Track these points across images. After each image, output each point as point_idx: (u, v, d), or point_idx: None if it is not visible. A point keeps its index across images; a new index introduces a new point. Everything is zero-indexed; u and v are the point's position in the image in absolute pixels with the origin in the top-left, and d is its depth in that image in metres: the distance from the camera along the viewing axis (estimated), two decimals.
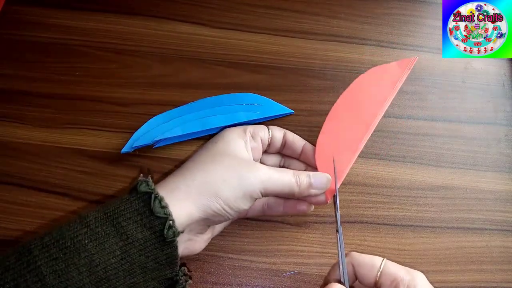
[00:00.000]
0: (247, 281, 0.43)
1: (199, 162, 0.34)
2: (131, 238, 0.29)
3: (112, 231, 0.29)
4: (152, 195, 0.30)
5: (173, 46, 0.54)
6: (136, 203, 0.30)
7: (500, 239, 0.46)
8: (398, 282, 0.29)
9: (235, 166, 0.34)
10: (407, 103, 0.52)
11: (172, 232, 0.29)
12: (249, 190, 0.33)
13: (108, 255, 0.28)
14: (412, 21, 0.58)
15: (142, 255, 0.29)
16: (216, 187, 0.32)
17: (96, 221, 0.29)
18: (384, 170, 0.48)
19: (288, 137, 0.41)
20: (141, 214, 0.30)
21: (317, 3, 0.58)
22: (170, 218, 0.30)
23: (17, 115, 0.49)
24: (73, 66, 0.52)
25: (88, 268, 0.28)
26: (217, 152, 0.35)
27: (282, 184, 0.35)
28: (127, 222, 0.29)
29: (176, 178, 0.33)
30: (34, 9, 0.55)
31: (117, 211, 0.30)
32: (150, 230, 0.29)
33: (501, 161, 0.50)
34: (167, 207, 0.30)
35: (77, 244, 0.28)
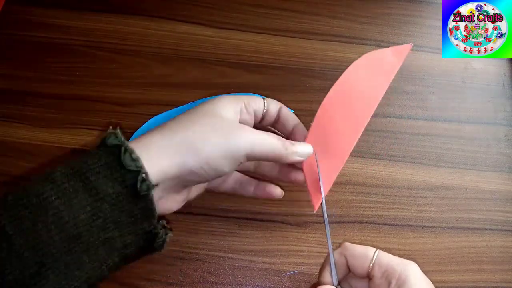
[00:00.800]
0: (247, 281, 0.43)
1: (181, 121, 0.32)
2: (101, 193, 0.27)
3: (80, 186, 0.27)
4: (122, 147, 0.28)
5: (173, 46, 0.54)
6: (105, 156, 0.28)
7: (500, 239, 0.46)
8: (390, 273, 0.29)
9: (221, 126, 0.32)
10: (407, 103, 0.52)
11: (146, 186, 0.28)
12: (233, 151, 0.31)
13: (78, 211, 0.26)
14: (412, 21, 0.58)
15: (115, 210, 0.27)
16: (196, 144, 0.30)
17: (62, 177, 0.27)
18: (384, 170, 0.48)
19: (282, 111, 0.38)
20: (111, 168, 0.27)
21: (317, 3, 0.58)
22: (143, 171, 0.28)
23: (17, 115, 0.49)
24: (73, 66, 0.52)
25: (57, 225, 0.26)
26: (203, 112, 0.33)
27: (270, 147, 0.33)
28: (96, 176, 0.27)
29: (153, 134, 0.31)
30: (34, 9, 0.55)
31: (84, 166, 0.27)
32: (122, 184, 0.27)
33: (501, 161, 0.50)
34: (138, 160, 0.28)
35: (43, 201, 0.26)
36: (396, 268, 0.29)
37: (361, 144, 0.49)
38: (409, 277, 0.28)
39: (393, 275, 0.29)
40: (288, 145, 0.34)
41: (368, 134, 0.50)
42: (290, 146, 0.34)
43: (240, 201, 0.46)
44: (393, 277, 0.29)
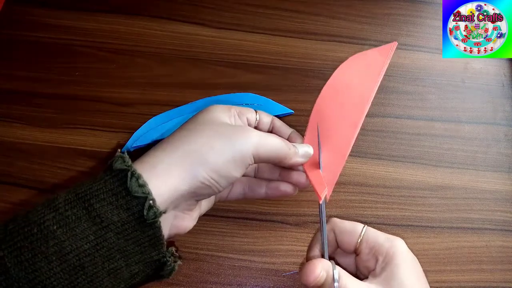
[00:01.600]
0: (246, 281, 0.43)
1: (181, 133, 0.31)
2: (106, 221, 0.26)
3: (84, 214, 0.26)
4: (128, 172, 0.27)
5: (173, 46, 0.54)
6: (111, 182, 0.27)
7: (500, 239, 0.46)
8: (377, 249, 0.29)
9: (224, 131, 0.30)
10: (407, 103, 0.52)
11: (153, 213, 0.26)
12: (240, 155, 0.30)
13: (81, 240, 0.25)
14: (412, 21, 0.58)
15: (121, 238, 0.26)
16: (203, 155, 0.29)
17: (65, 204, 0.26)
18: (384, 170, 0.48)
19: (275, 123, 0.37)
20: (116, 194, 0.26)
21: (317, 3, 0.58)
22: (150, 197, 0.26)
23: (17, 115, 0.49)
24: (73, 66, 0.52)
25: (59, 256, 0.25)
26: (201, 121, 0.31)
27: (274, 147, 0.32)
28: (100, 203, 0.26)
29: (157, 151, 0.30)
30: (34, 9, 0.55)
31: (89, 192, 0.27)
32: (128, 212, 0.26)
33: (501, 161, 0.50)
34: (145, 185, 0.27)
35: (44, 231, 0.25)
36: (384, 244, 0.29)
37: (361, 144, 0.49)
38: (395, 254, 0.29)
39: (380, 251, 0.29)
40: (291, 146, 0.34)
41: (368, 134, 0.50)
42: (293, 146, 0.34)
43: (240, 201, 0.46)
44: (380, 254, 0.29)
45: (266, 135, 0.32)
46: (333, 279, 0.27)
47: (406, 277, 0.28)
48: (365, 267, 0.31)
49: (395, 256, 0.29)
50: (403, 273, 0.28)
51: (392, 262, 0.28)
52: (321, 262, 0.28)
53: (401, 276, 0.28)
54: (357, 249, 0.31)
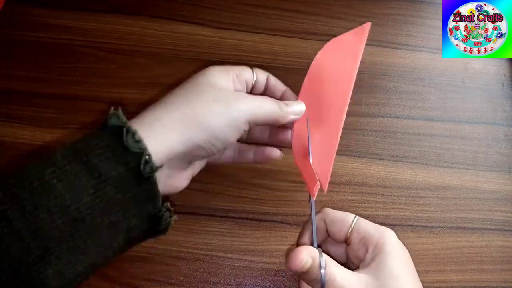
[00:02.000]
0: (246, 281, 0.43)
1: (180, 94, 0.32)
2: (104, 175, 0.26)
3: (83, 168, 0.26)
4: (123, 128, 0.27)
5: (173, 46, 0.54)
6: (107, 138, 0.27)
7: (500, 239, 0.46)
8: (367, 239, 0.30)
9: (221, 95, 0.31)
10: (407, 103, 0.52)
11: (150, 168, 0.27)
12: (237, 119, 0.31)
13: (80, 194, 0.26)
14: (412, 21, 0.58)
15: (119, 192, 0.27)
16: (201, 117, 0.30)
17: (63, 159, 0.26)
18: (383, 170, 0.48)
19: (270, 81, 0.38)
20: (113, 149, 0.27)
21: (317, 3, 0.58)
22: (146, 152, 0.27)
23: (17, 115, 0.49)
24: (73, 66, 0.52)
25: (60, 209, 0.25)
26: (198, 84, 0.32)
27: (268, 110, 0.33)
28: (98, 158, 0.26)
29: (155, 110, 0.30)
30: (34, 9, 0.55)
31: (86, 147, 0.27)
32: (125, 167, 0.27)
33: (501, 161, 0.50)
34: (141, 141, 0.27)
35: (44, 184, 0.25)
36: (374, 235, 0.30)
37: (361, 144, 0.49)
38: (385, 244, 0.29)
39: (370, 241, 0.30)
40: (283, 106, 0.35)
41: (368, 134, 0.50)
42: (285, 106, 0.35)
43: (240, 201, 0.46)
44: (371, 244, 0.29)
45: (260, 101, 0.33)
46: (320, 266, 0.28)
47: (396, 266, 0.28)
48: (356, 256, 0.31)
49: (385, 246, 0.29)
50: (392, 263, 0.28)
51: (382, 252, 0.29)
52: (307, 249, 0.29)
53: (390, 266, 0.28)
54: (347, 238, 0.31)
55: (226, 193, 0.46)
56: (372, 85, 0.53)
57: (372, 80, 0.53)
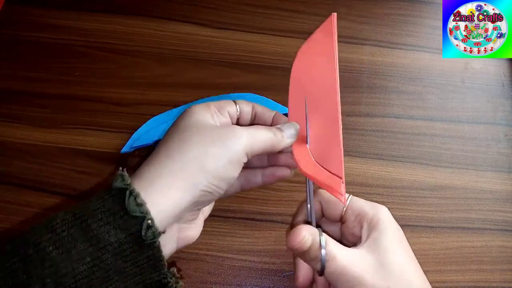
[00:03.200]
0: (246, 281, 0.43)
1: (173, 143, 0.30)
2: (103, 242, 0.25)
3: (81, 235, 0.25)
4: (126, 191, 0.26)
5: (173, 46, 0.54)
6: (109, 201, 0.26)
7: (500, 238, 0.46)
8: (362, 216, 0.30)
9: (213, 135, 0.30)
10: (407, 103, 0.52)
11: (152, 233, 0.26)
12: (235, 155, 0.30)
13: (77, 262, 0.25)
14: (412, 21, 0.58)
15: (118, 260, 0.26)
16: (200, 162, 0.28)
17: (63, 224, 0.26)
18: (384, 170, 0.48)
19: (257, 109, 0.37)
20: (114, 214, 0.26)
21: (317, 3, 0.58)
22: (148, 217, 0.26)
23: (17, 115, 0.49)
24: (73, 66, 0.52)
25: (54, 278, 0.24)
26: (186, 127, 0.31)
27: (264, 141, 0.32)
28: (97, 223, 0.25)
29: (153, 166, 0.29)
30: (34, 9, 0.55)
31: (86, 212, 0.26)
32: (125, 232, 0.26)
33: (501, 161, 0.50)
34: (143, 204, 0.26)
35: (40, 252, 0.25)
36: (368, 211, 0.30)
37: (361, 144, 0.49)
38: (380, 220, 0.30)
39: (365, 218, 0.30)
40: (277, 132, 0.34)
41: (368, 134, 0.50)
42: (279, 132, 0.34)
43: (240, 201, 0.46)
44: (365, 220, 0.30)
45: (254, 131, 0.32)
46: (320, 245, 0.28)
47: (390, 240, 0.29)
48: (351, 234, 0.32)
49: (379, 222, 0.30)
50: (386, 237, 0.29)
51: (376, 228, 0.29)
52: (307, 228, 0.29)
53: (385, 240, 0.29)
54: (342, 217, 0.32)
55: None
56: (372, 85, 0.53)
57: (372, 80, 0.53)
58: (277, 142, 0.33)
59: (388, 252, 0.28)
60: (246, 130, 0.32)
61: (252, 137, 0.31)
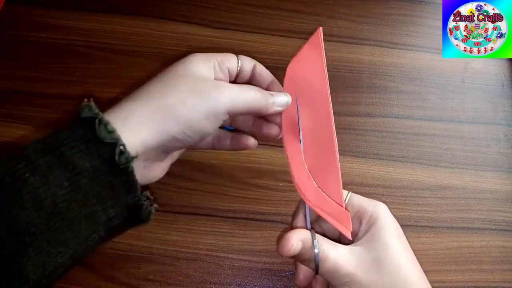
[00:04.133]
0: (246, 281, 0.43)
1: (155, 85, 0.30)
2: (78, 168, 0.26)
3: (56, 162, 0.26)
4: (96, 120, 0.27)
5: (173, 46, 0.54)
6: (80, 130, 0.27)
7: (500, 238, 0.46)
8: (362, 213, 0.30)
9: (198, 85, 0.30)
10: (407, 103, 0.52)
11: (125, 158, 0.26)
12: (214, 111, 0.30)
13: (55, 187, 0.25)
14: (412, 21, 0.58)
15: (95, 184, 0.26)
16: (175, 109, 0.29)
17: (36, 153, 0.26)
18: (383, 170, 0.48)
19: (257, 69, 0.36)
20: (86, 142, 0.26)
21: (317, 3, 0.58)
22: (120, 142, 0.26)
23: (17, 115, 0.49)
24: (73, 66, 0.52)
25: (34, 203, 0.25)
26: (176, 74, 0.31)
27: (250, 99, 0.32)
28: (71, 151, 0.26)
29: (128, 103, 0.30)
30: (34, 9, 0.55)
31: (59, 141, 0.26)
32: (99, 158, 0.26)
33: (501, 161, 0.50)
34: (114, 131, 0.27)
35: (17, 179, 0.25)
36: (367, 208, 0.30)
37: (361, 144, 0.49)
38: (379, 217, 0.30)
39: (364, 215, 0.30)
40: (268, 96, 0.33)
41: (368, 134, 0.50)
42: (270, 96, 0.33)
43: (240, 201, 0.46)
44: (364, 217, 0.30)
45: (242, 90, 0.32)
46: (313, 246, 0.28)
47: (388, 237, 0.29)
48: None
49: (378, 219, 0.30)
50: (384, 234, 0.29)
51: (375, 225, 0.29)
52: (296, 233, 0.29)
53: (383, 237, 0.29)
54: None
55: (226, 193, 0.46)
56: (372, 85, 0.53)
57: (372, 80, 0.53)
58: (265, 106, 0.33)
59: (387, 248, 0.29)
60: (233, 87, 0.31)
61: (238, 95, 0.31)
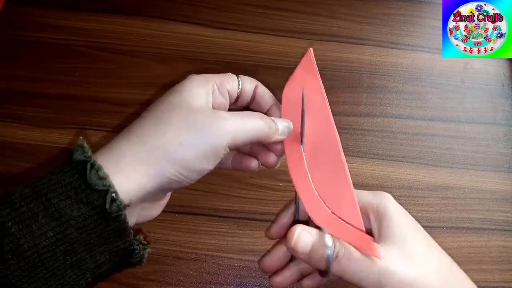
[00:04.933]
0: (246, 281, 0.43)
1: (148, 122, 0.28)
2: (65, 216, 0.24)
3: (41, 209, 0.24)
4: (87, 164, 0.25)
5: (173, 46, 0.54)
6: (70, 174, 0.25)
7: (500, 238, 0.46)
8: (367, 207, 0.29)
9: (194, 119, 0.27)
10: (407, 103, 0.52)
11: (117, 206, 0.25)
12: (214, 148, 0.27)
13: (39, 237, 0.24)
14: (412, 21, 0.58)
15: (83, 233, 0.25)
16: (171, 150, 0.27)
17: (21, 199, 0.24)
18: (383, 170, 0.48)
19: (258, 91, 0.34)
20: (75, 188, 0.25)
21: (317, 3, 0.58)
22: (112, 190, 0.25)
23: (17, 115, 0.49)
24: (73, 66, 0.52)
25: (15, 254, 0.23)
26: (170, 106, 0.29)
27: (254, 130, 0.29)
28: (58, 198, 0.24)
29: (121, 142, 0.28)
30: (34, 9, 0.55)
31: (46, 186, 0.25)
32: (88, 206, 0.25)
33: (501, 161, 0.50)
34: (106, 177, 0.25)
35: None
36: (372, 201, 0.29)
37: (361, 144, 0.49)
38: (387, 208, 0.28)
39: (369, 209, 0.29)
40: (271, 123, 0.31)
41: (368, 134, 0.50)
42: (273, 123, 0.31)
43: (240, 201, 0.46)
44: (371, 212, 0.29)
45: (244, 120, 0.29)
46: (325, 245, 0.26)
47: (404, 229, 0.28)
48: None
49: (387, 211, 0.28)
50: (400, 227, 0.28)
51: (385, 218, 0.28)
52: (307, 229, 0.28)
53: (399, 230, 0.28)
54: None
55: (226, 193, 0.46)
56: (372, 85, 0.53)
57: (372, 80, 0.53)
58: (267, 135, 0.30)
59: (407, 241, 0.27)
60: (235, 118, 0.29)
61: (240, 126, 0.29)
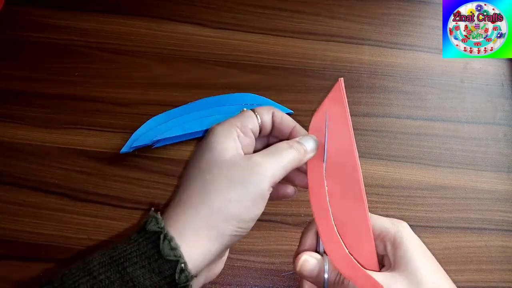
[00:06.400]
0: (246, 281, 0.43)
1: (194, 187, 0.30)
2: (138, 285, 0.26)
3: (117, 278, 0.26)
4: (161, 235, 0.27)
5: (173, 46, 0.54)
6: (144, 244, 0.27)
7: (499, 238, 0.46)
8: (384, 235, 0.30)
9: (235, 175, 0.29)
10: (406, 103, 0.52)
11: (185, 276, 0.27)
12: (259, 194, 0.29)
13: None
14: (411, 21, 0.58)
15: None
16: (223, 210, 0.28)
17: (100, 267, 0.27)
18: (383, 170, 0.48)
19: (276, 118, 0.35)
20: (149, 257, 0.27)
21: (317, 3, 0.58)
22: (182, 260, 0.27)
23: (17, 115, 0.49)
24: (73, 66, 0.52)
25: None
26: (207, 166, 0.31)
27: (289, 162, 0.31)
28: (133, 267, 0.27)
29: (179, 214, 0.29)
30: (34, 9, 0.55)
31: (123, 255, 0.27)
32: (159, 276, 0.27)
33: (500, 161, 0.50)
34: (177, 248, 0.27)
35: None
36: (390, 229, 0.30)
37: (360, 144, 0.50)
38: (403, 238, 0.29)
39: (387, 236, 0.30)
40: (299, 146, 0.32)
41: (368, 134, 0.50)
42: (300, 146, 0.32)
43: None
44: (388, 239, 0.30)
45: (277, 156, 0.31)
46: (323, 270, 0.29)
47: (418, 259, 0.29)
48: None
49: (403, 240, 0.29)
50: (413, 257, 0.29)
51: (401, 247, 0.29)
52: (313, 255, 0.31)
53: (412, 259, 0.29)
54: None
55: None
56: (372, 85, 0.53)
57: (372, 80, 0.54)
58: (300, 160, 0.32)
59: (419, 270, 0.29)
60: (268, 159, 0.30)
61: (276, 165, 0.30)
